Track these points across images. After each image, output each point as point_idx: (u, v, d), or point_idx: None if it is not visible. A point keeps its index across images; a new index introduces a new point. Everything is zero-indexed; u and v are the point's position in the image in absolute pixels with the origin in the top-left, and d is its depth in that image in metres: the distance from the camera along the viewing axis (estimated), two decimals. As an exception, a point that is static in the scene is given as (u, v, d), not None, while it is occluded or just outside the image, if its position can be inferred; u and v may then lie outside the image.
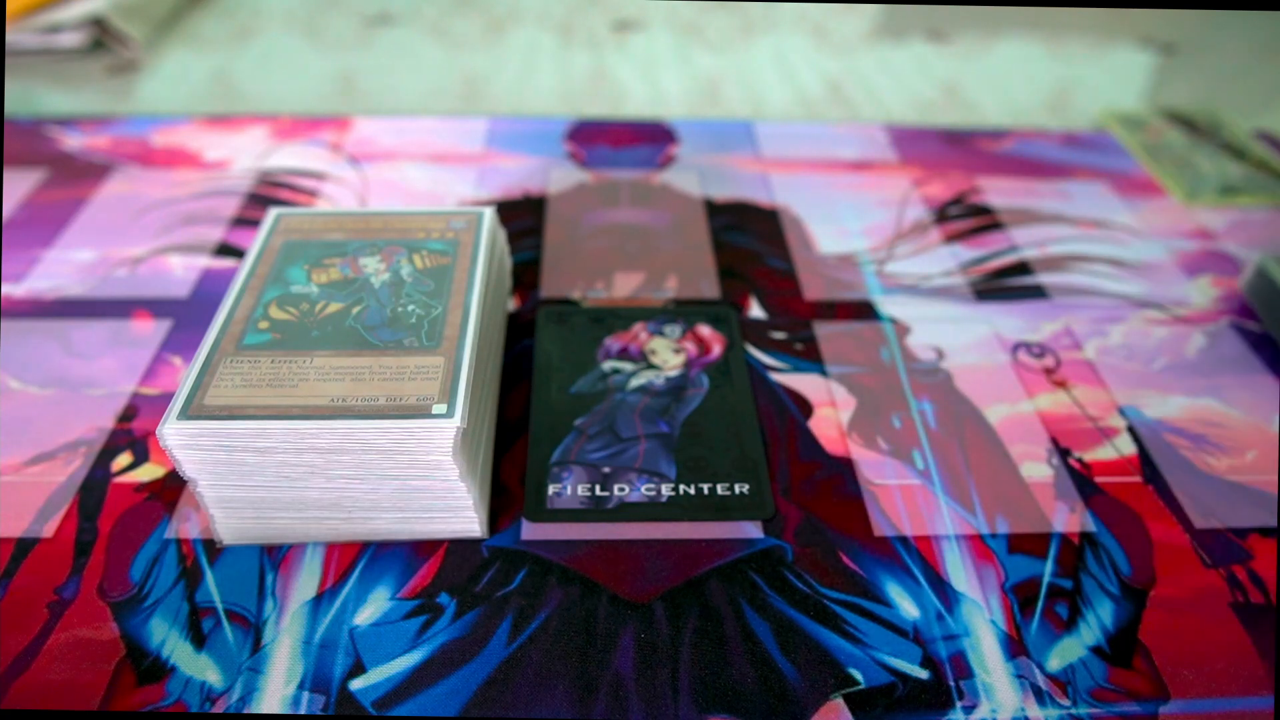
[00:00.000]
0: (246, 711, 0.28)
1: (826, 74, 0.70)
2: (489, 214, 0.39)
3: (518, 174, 0.55)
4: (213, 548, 0.33)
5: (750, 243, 0.50)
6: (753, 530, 0.34)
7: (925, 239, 0.50)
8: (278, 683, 0.29)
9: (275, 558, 0.33)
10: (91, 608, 0.31)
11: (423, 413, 0.29)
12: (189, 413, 0.29)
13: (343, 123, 0.59)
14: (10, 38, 0.65)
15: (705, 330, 0.42)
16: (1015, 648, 0.30)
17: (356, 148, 0.57)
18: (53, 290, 0.45)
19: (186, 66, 0.67)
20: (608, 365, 0.40)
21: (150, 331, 0.42)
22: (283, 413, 0.29)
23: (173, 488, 0.35)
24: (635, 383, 0.39)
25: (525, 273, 0.46)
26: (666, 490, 0.35)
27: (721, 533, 0.34)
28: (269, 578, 0.32)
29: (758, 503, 0.35)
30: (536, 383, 0.39)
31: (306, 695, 0.29)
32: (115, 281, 0.45)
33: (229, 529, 0.32)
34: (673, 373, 0.40)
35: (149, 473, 0.35)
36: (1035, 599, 0.32)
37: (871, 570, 0.33)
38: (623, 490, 0.35)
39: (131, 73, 0.66)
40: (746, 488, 0.35)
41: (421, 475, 0.30)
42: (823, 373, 0.41)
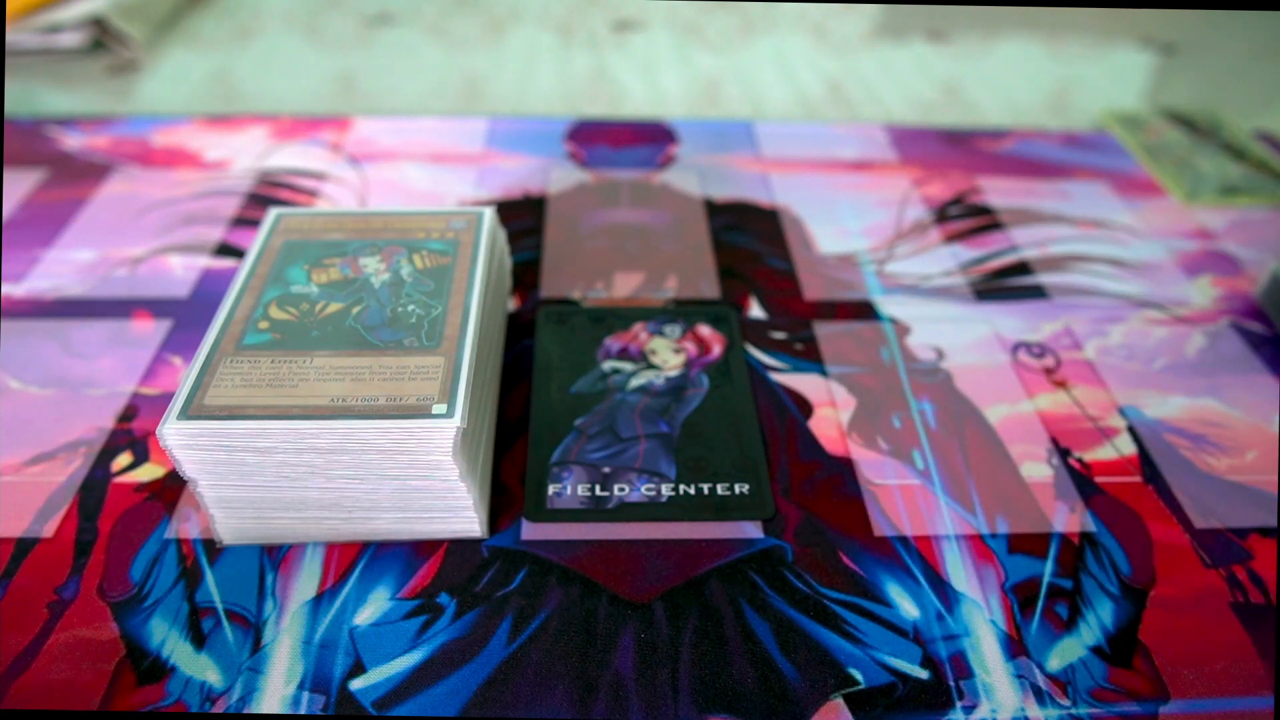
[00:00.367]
0: (246, 711, 0.28)
1: (826, 74, 0.70)
2: (489, 214, 0.39)
3: (518, 174, 0.55)
4: (213, 548, 0.33)
5: (750, 243, 0.50)
6: (753, 530, 0.34)
7: (925, 239, 0.50)
8: (278, 683, 0.29)
9: (275, 558, 0.33)
10: (91, 608, 0.31)
11: (423, 413, 0.29)
12: (189, 413, 0.29)
13: (343, 123, 0.59)
14: (10, 38, 0.65)
15: (705, 330, 0.42)
16: (1015, 648, 0.30)
17: (356, 148, 0.57)
18: (53, 290, 0.45)
19: (186, 66, 0.67)
20: (608, 365, 0.40)
21: (150, 331, 0.42)
22: (283, 413, 0.29)
23: (173, 488, 0.35)
24: (635, 383, 0.39)
25: (525, 273, 0.46)
26: (666, 490, 0.35)
27: (721, 533, 0.34)
28: (269, 578, 0.32)
29: (758, 503, 0.35)
30: (536, 383, 0.39)
31: (306, 695, 0.29)
32: (115, 281, 0.45)
33: (229, 529, 0.32)
34: (673, 373, 0.40)
35: (149, 473, 0.35)
36: (1035, 599, 0.32)
37: (871, 570, 0.33)
38: (623, 490, 0.35)
39: (131, 73, 0.66)
40: (746, 488, 0.35)
41: (421, 475, 0.30)
42: (823, 373, 0.41)
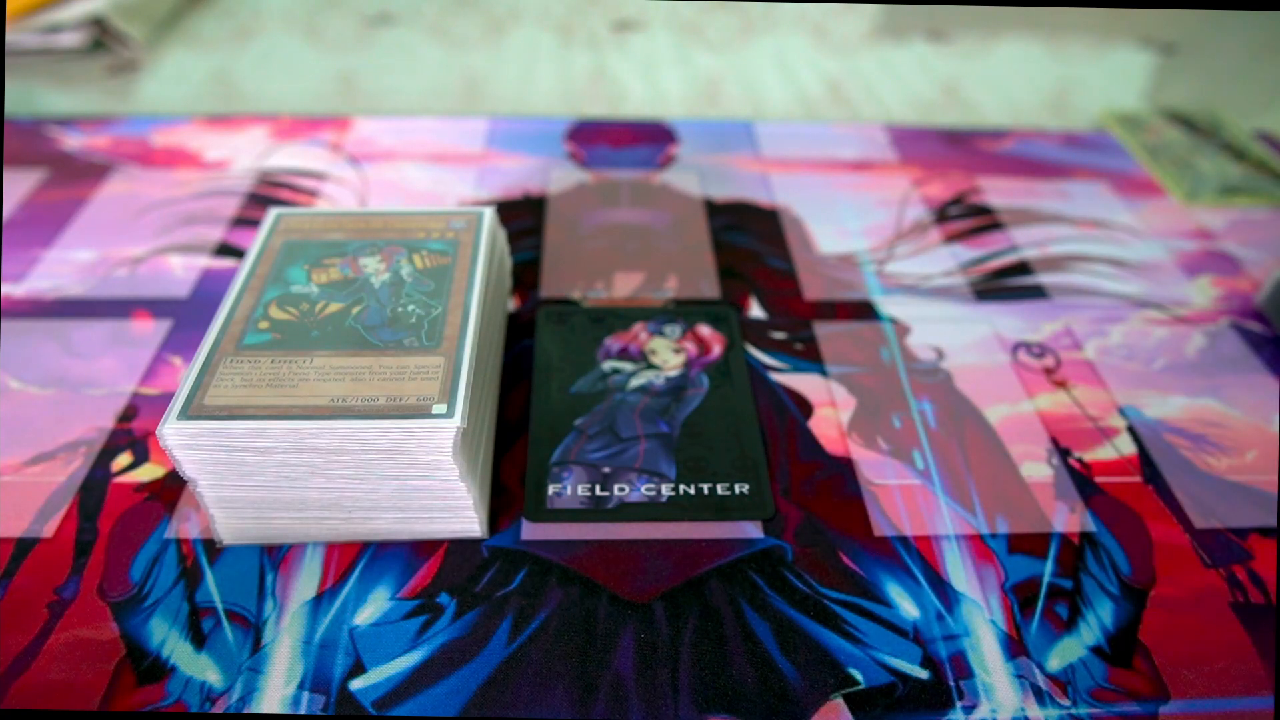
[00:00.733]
0: (246, 711, 0.28)
1: (826, 74, 0.70)
2: (489, 214, 0.39)
3: (518, 174, 0.55)
4: (213, 548, 0.33)
5: (750, 243, 0.50)
6: (753, 530, 0.34)
7: (925, 239, 0.50)
8: (278, 683, 0.29)
9: (275, 558, 0.33)
10: (91, 608, 0.31)
11: (423, 413, 0.29)
12: (189, 413, 0.29)
13: (343, 123, 0.59)
14: (10, 38, 0.65)
15: (705, 330, 0.42)
16: (1015, 648, 0.30)
17: (356, 148, 0.57)
18: (53, 290, 0.45)
19: (186, 66, 0.67)
20: (608, 365, 0.40)
21: (150, 331, 0.42)
22: (283, 413, 0.29)
23: (173, 488, 0.35)
24: (635, 383, 0.39)
25: (525, 273, 0.46)
26: (666, 490, 0.35)
27: (721, 533, 0.34)
28: (269, 578, 0.32)
29: (758, 503, 0.35)
30: (536, 383, 0.39)
31: (306, 695, 0.29)
32: (115, 281, 0.45)
33: (229, 529, 0.32)
34: (673, 373, 0.40)
35: (149, 473, 0.35)
36: (1035, 599, 0.32)
37: (871, 570, 0.33)
38: (623, 490, 0.35)
39: (131, 73, 0.66)
40: (746, 488, 0.35)
41: (421, 475, 0.30)
42: (823, 373, 0.41)
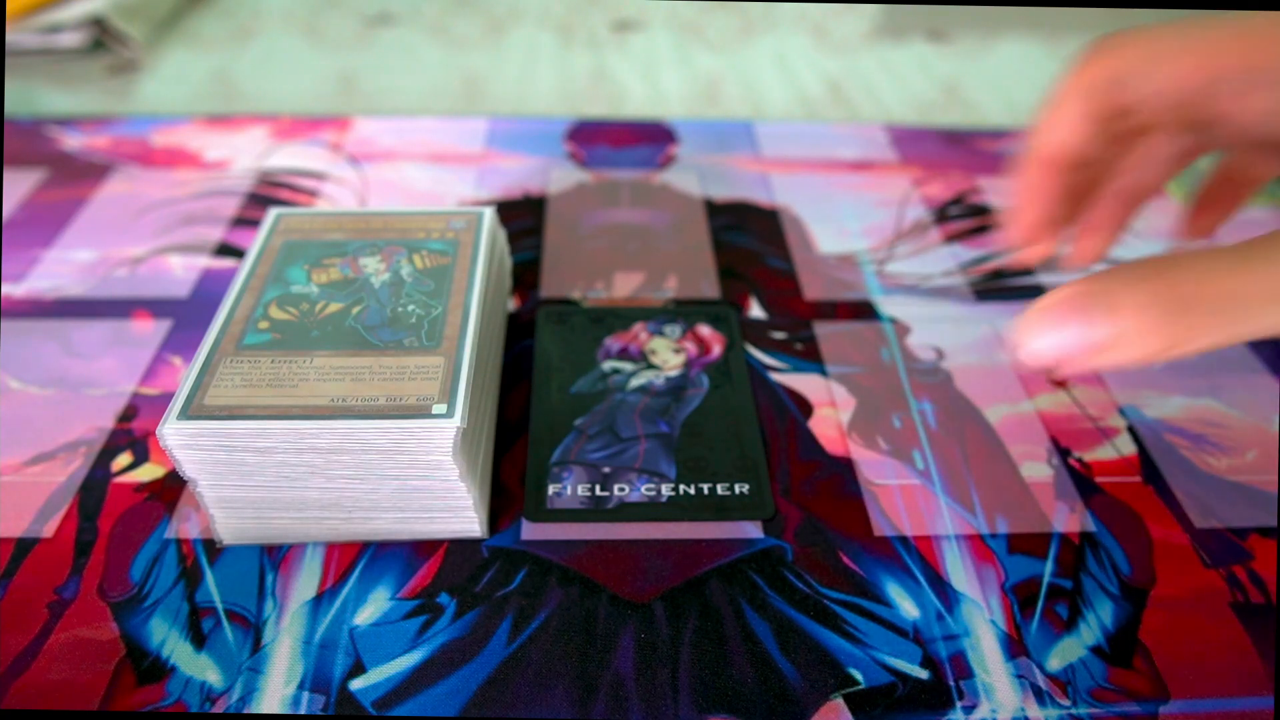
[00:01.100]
0: (246, 711, 0.28)
1: (826, 74, 0.70)
2: (489, 214, 0.39)
3: (518, 174, 0.55)
4: (213, 548, 0.33)
5: (750, 243, 0.50)
6: (753, 530, 0.34)
7: (925, 239, 0.50)
8: (278, 683, 0.29)
9: (275, 558, 0.33)
10: (91, 608, 0.31)
11: (423, 413, 0.29)
12: (189, 413, 0.29)
13: (343, 123, 0.59)
14: (10, 38, 0.65)
15: (705, 330, 0.42)
16: (1015, 648, 0.30)
17: (356, 148, 0.57)
18: (53, 290, 0.45)
19: (186, 66, 0.67)
20: (608, 365, 0.40)
21: (150, 331, 0.42)
22: (283, 413, 0.29)
23: (173, 488, 0.35)
24: (635, 383, 0.39)
25: (525, 273, 0.46)
26: (666, 490, 0.35)
27: (721, 533, 0.34)
28: (269, 578, 0.32)
29: (758, 503, 0.35)
30: (536, 383, 0.39)
31: (306, 695, 0.29)
32: (115, 281, 0.45)
33: (229, 529, 0.32)
34: (673, 373, 0.40)
35: (149, 473, 0.35)
36: (1035, 599, 0.32)
37: (871, 570, 0.33)
38: (623, 490, 0.35)
39: (131, 73, 0.66)
40: (746, 488, 0.35)
41: (421, 475, 0.30)
42: (823, 373, 0.41)
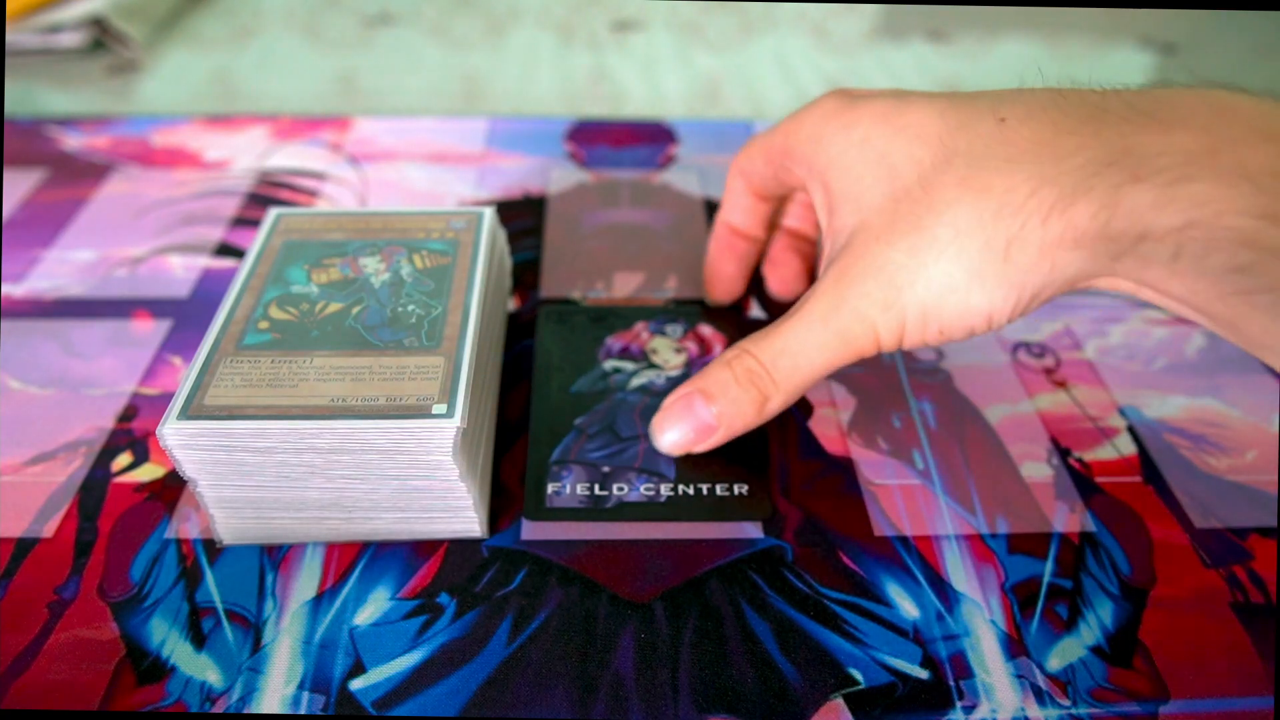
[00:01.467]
0: (246, 711, 0.28)
1: (826, 74, 0.70)
2: (489, 214, 0.39)
3: (518, 174, 0.55)
4: (213, 548, 0.33)
5: (750, 243, 0.49)
6: (753, 530, 0.34)
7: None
8: (278, 683, 0.29)
9: (275, 558, 0.33)
10: (91, 608, 0.31)
11: (423, 413, 0.29)
12: (189, 413, 0.29)
13: (343, 123, 0.59)
14: (10, 38, 0.65)
15: (707, 330, 0.42)
16: (1015, 648, 0.31)
17: (356, 148, 0.57)
18: (53, 290, 0.45)
19: (186, 66, 0.67)
20: (609, 364, 0.40)
21: (150, 331, 0.42)
22: (283, 413, 0.29)
23: (173, 488, 0.35)
24: (636, 382, 0.39)
25: (525, 273, 0.46)
26: (665, 490, 0.35)
27: (721, 533, 0.34)
28: (269, 578, 0.32)
29: (757, 503, 0.35)
30: (537, 382, 0.39)
31: (306, 695, 0.29)
32: (115, 281, 0.45)
33: (229, 529, 0.32)
34: (674, 372, 0.40)
35: (149, 473, 0.35)
36: (1035, 599, 0.32)
37: (871, 570, 0.33)
38: (621, 490, 0.35)
39: (131, 73, 0.66)
40: (746, 488, 0.35)
41: (421, 475, 0.30)
42: (823, 373, 0.41)
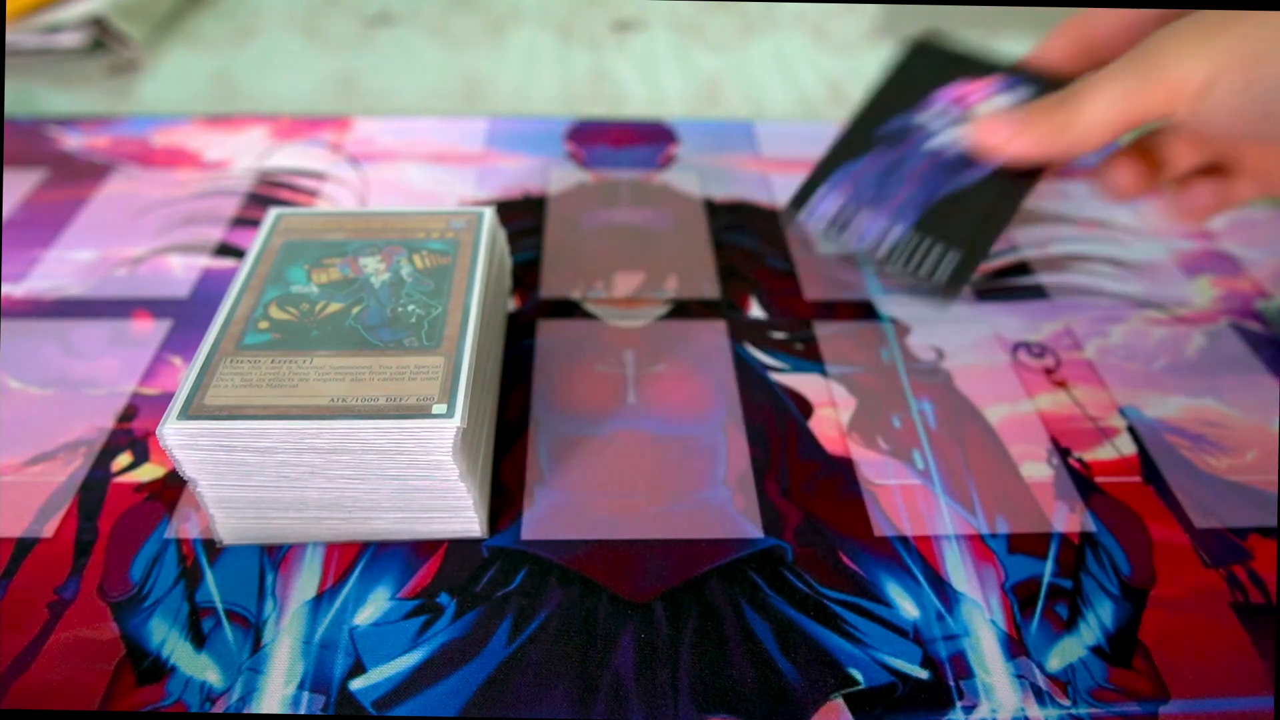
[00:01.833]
0: (246, 711, 0.28)
1: (826, 74, 0.70)
2: (489, 214, 0.39)
3: (518, 174, 0.55)
4: (213, 548, 0.33)
5: (750, 243, 0.50)
6: (753, 530, 0.34)
7: (925, 239, 0.50)
8: (278, 683, 0.29)
9: (275, 558, 0.33)
10: (91, 608, 0.31)
11: (423, 413, 0.29)
12: (189, 413, 0.29)
13: (343, 123, 0.59)
14: (10, 38, 0.65)
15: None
16: (1015, 648, 0.31)
17: (356, 148, 0.57)
18: (53, 290, 0.45)
19: (186, 66, 0.67)
20: (925, 115, 0.42)
21: (150, 331, 0.42)
22: (283, 413, 0.29)
23: (173, 488, 0.35)
24: (934, 143, 0.41)
25: (525, 273, 0.46)
26: (893, 238, 0.40)
27: (722, 533, 0.34)
28: (269, 578, 0.32)
29: (957, 275, 0.40)
30: (865, 108, 0.42)
31: (306, 695, 0.29)
32: (115, 281, 0.45)
33: (229, 529, 0.32)
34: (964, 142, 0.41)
35: (149, 473, 0.35)
36: (1035, 599, 0.32)
37: (871, 570, 0.33)
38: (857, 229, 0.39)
39: (131, 73, 0.66)
40: (956, 260, 0.39)
41: (421, 475, 0.30)
42: (823, 373, 0.41)
